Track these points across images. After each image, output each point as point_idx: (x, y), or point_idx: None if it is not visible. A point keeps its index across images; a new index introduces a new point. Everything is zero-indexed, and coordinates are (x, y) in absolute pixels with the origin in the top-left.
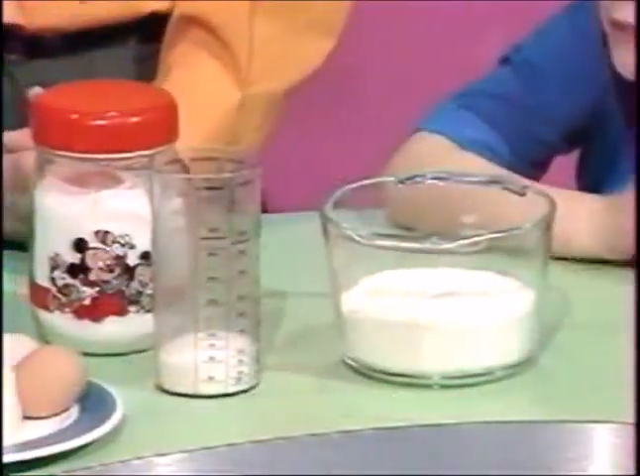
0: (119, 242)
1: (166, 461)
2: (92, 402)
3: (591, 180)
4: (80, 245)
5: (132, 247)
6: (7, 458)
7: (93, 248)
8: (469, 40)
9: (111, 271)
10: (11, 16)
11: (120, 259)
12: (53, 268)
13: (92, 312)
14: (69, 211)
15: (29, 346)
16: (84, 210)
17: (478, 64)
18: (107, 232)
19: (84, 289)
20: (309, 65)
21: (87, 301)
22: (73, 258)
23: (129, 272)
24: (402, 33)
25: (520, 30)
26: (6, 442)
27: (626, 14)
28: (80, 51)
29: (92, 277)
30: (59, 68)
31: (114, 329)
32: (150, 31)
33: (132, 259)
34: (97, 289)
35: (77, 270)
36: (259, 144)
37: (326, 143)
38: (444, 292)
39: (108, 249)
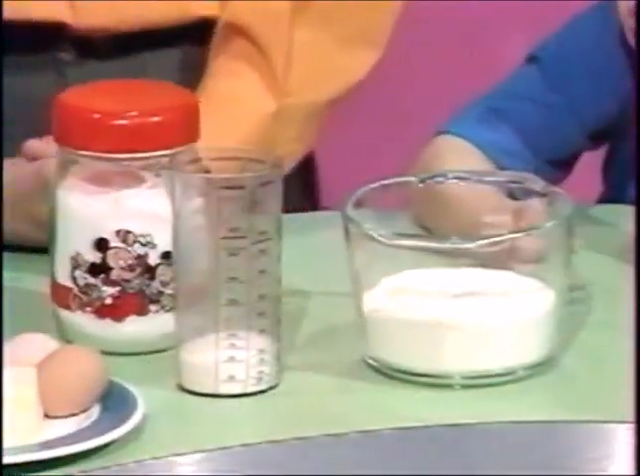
0: (140, 241)
1: (187, 461)
2: (113, 401)
3: (618, 178)
4: (102, 244)
5: (153, 246)
6: (28, 457)
7: (114, 247)
8: (494, 40)
9: (132, 270)
10: (59, 14)
11: (141, 258)
12: (75, 267)
13: (113, 312)
14: (91, 211)
15: (50, 345)
16: (106, 210)
17: (503, 65)
18: (128, 232)
19: (105, 288)
20: (352, 78)
21: (108, 301)
22: (95, 257)
23: (150, 271)
24: (426, 35)
25: (545, 29)
26: (27, 441)
27: None
28: (131, 53)
29: (113, 276)
30: (110, 70)
31: (135, 329)
32: (200, 35)
33: (153, 258)
34: (118, 288)
35: (99, 269)
36: (298, 155)
37: (365, 140)
38: (465, 291)
39: (129, 248)
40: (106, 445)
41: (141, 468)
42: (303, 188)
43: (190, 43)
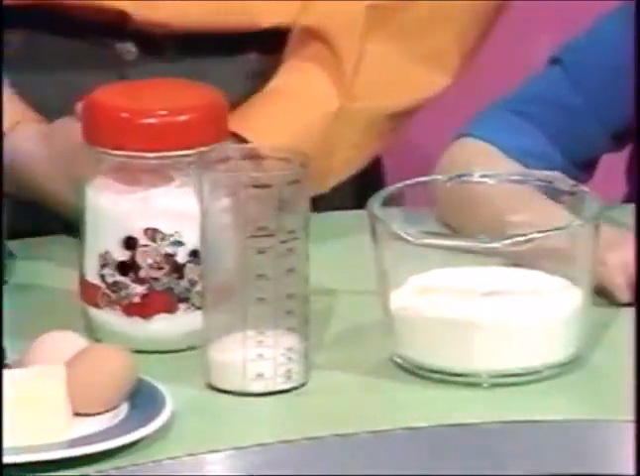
0: (168, 240)
1: (215, 458)
2: (142, 399)
3: None
4: (130, 243)
5: (181, 245)
6: (57, 455)
7: (143, 246)
8: (518, 42)
9: (160, 268)
10: (121, 3)
11: (169, 256)
12: (104, 265)
13: (142, 310)
14: (120, 209)
15: (79, 343)
16: (134, 208)
17: (527, 66)
18: (157, 230)
19: (134, 286)
20: (418, 95)
21: (137, 299)
22: (123, 255)
23: (178, 269)
24: None
25: (570, 30)
26: (56, 439)
27: None
28: (194, 56)
29: (142, 274)
30: (171, 71)
31: (163, 326)
32: (266, 45)
33: (181, 256)
34: (147, 286)
35: (127, 267)
36: (356, 163)
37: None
38: (492, 290)
39: (158, 247)
40: (134, 443)
41: (169, 466)
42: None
43: (255, 51)
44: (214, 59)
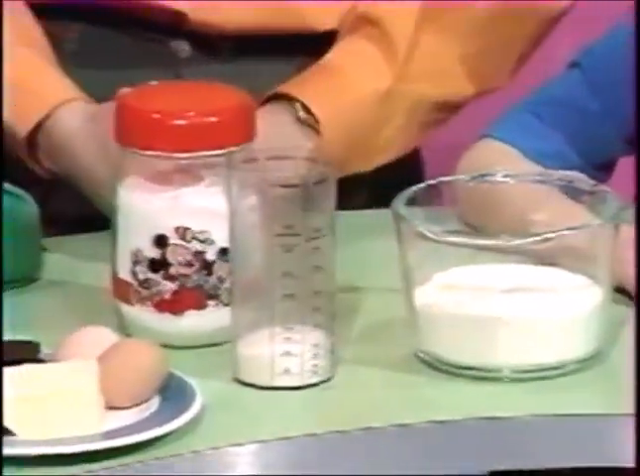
0: (198, 238)
1: (244, 451)
2: (172, 393)
3: None
4: (161, 241)
5: (211, 243)
6: (90, 447)
7: (173, 244)
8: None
9: (190, 266)
10: (179, 3)
11: (199, 254)
12: (135, 262)
13: (172, 306)
14: (151, 208)
15: (111, 338)
16: (165, 207)
17: (548, 69)
18: (187, 228)
19: (165, 283)
20: (465, 89)
21: (167, 295)
22: (154, 253)
23: (208, 267)
24: None
25: (590, 35)
26: (89, 432)
27: None
28: (246, 58)
29: (172, 271)
30: (224, 72)
31: (193, 322)
32: (322, 48)
33: (210, 254)
34: (177, 283)
35: (158, 265)
36: (398, 146)
37: None
38: (514, 287)
39: (188, 245)
40: (165, 435)
41: (198, 458)
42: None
43: (308, 54)
44: (267, 60)
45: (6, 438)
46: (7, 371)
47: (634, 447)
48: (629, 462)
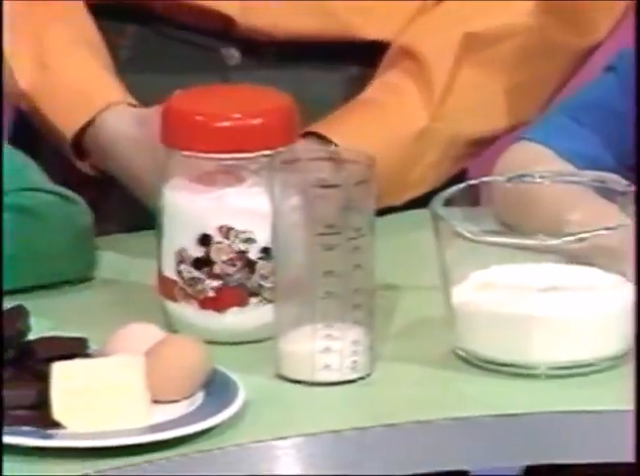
0: (241, 237)
1: (286, 444)
2: (216, 388)
3: None
4: (205, 240)
5: (253, 242)
6: (136, 440)
7: (217, 243)
8: None
9: (234, 264)
10: (229, 8)
11: (242, 253)
12: (180, 261)
13: (216, 303)
14: (195, 208)
15: (157, 335)
16: (209, 207)
17: (587, 72)
18: (230, 228)
19: (209, 281)
20: (502, 125)
21: (211, 293)
22: (199, 252)
23: (250, 265)
24: None
25: (627, 40)
26: (136, 425)
27: None
28: (294, 64)
29: (216, 270)
30: (271, 78)
31: (236, 319)
32: (368, 57)
33: (253, 253)
34: (221, 281)
35: (202, 263)
36: (431, 182)
37: None
38: (550, 286)
39: (231, 244)
40: (209, 429)
41: (241, 451)
42: None
43: (354, 63)
44: (314, 67)
45: (56, 431)
46: (57, 365)
47: (634, 443)
48: None
